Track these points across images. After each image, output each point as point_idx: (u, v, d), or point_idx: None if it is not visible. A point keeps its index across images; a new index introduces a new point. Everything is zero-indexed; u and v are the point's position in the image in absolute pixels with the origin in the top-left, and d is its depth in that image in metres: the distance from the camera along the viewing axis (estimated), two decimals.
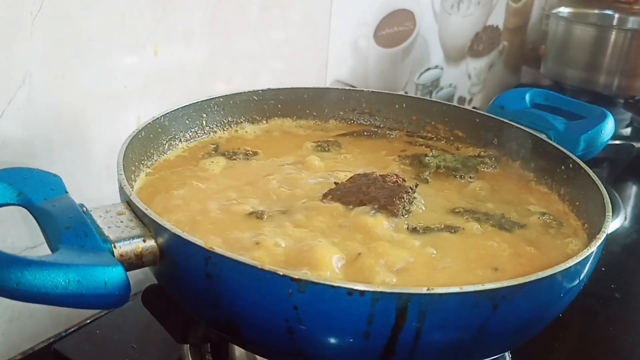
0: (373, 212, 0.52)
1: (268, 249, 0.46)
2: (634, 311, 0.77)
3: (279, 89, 0.74)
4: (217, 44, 0.78)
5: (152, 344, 0.63)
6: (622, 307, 0.77)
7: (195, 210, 0.53)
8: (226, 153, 0.65)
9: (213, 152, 0.65)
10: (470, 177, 0.64)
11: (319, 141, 0.70)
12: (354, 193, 0.54)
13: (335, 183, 0.57)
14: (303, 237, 0.48)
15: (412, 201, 0.55)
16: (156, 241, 0.43)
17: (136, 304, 0.57)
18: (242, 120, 0.72)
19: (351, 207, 0.53)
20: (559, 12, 1.48)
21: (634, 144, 1.22)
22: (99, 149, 0.67)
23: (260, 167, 0.63)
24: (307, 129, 0.75)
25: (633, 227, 0.98)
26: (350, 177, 0.58)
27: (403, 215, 0.53)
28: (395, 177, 0.56)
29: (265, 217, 0.52)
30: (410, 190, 0.55)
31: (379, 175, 0.57)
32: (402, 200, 0.53)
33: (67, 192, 0.46)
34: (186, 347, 0.58)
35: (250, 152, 0.66)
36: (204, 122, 0.68)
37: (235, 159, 0.64)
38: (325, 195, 0.55)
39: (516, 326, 0.42)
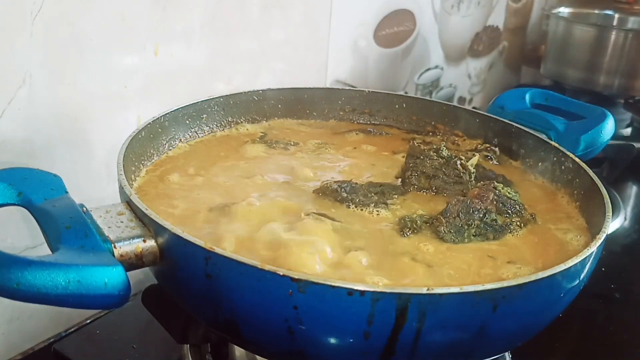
0: None
1: None
2: (634, 311, 0.77)
3: (279, 89, 0.75)
4: (217, 44, 0.78)
5: (152, 344, 0.63)
6: (622, 307, 0.77)
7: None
8: (268, 141, 0.69)
9: (258, 139, 0.69)
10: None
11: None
12: None
13: None
14: None
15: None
16: (156, 241, 0.43)
17: (136, 304, 0.57)
18: (242, 120, 0.72)
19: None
20: (559, 12, 1.48)
21: (634, 144, 1.22)
22: (99, 149, 0.67)
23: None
24: (309, 127, 0.75)
25: (633, 227, 0.98)
26: None
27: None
28: None
29: None
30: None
31: None
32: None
33: (67, 192, 0.46)
34: (186, 347, 0.58)
35: (291, 143, 0.69)
36: (204, 122, 0.68)
37: (274, 147, 0.67)
38: None
39: (516, 326, 0.42)
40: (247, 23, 0.82)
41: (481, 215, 0.52)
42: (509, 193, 0.56)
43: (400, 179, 0.60)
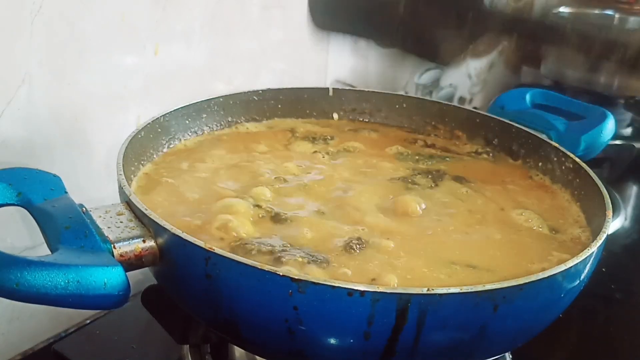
0: None
1: None
2: (634, 311, 0.77)
3: (279, 89, 0.74)
4: (217, 44, 0.78)
5: (152, 344, 0.63)
6: (622, 307, 0.77)
7: None
8: (307, 137, 0.70)
9: (291, 136, 0.70)
10: None
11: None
12: None
13: None
14: None
15: None
16: (156, 241, 0.43)
17: (136, 304, 0.57)
18: (242, 120, 0.72)
19: None
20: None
21: (635, 144, 1.22)
22: (99, 149, 0.67)
23: None
24: (315, 125, 0.75)
25: (633, 228, 0.97)
26: None
27: None
28: None
29: None
30: None
31: None
32: None
33: (66, 192, 0.46)
34: (186, 347, 0.58)
35: (329, 137, 0.71)
36: (204, 122, 0.68)
37: (317, 143, 0.69)
38: None
39: (516, 327, 0.42)
40: (247, 23, 0.82)
41: None
42: None
43: None
